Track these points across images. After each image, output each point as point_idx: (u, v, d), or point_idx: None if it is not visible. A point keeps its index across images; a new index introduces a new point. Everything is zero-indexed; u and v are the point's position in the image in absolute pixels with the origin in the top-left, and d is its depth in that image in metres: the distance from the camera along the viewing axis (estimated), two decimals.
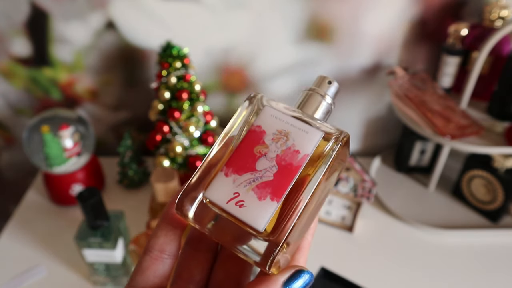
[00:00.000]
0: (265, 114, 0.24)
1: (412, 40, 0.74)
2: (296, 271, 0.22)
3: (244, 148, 0.23)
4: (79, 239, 0.54)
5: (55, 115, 0.69)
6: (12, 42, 0.71)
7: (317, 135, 0.23)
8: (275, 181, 0.22)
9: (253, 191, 0.22)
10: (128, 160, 0.74)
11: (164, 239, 0.24)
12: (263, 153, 0.23)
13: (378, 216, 0.72)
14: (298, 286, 0.22)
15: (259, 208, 0.22)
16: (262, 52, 0.74)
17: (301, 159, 0.22)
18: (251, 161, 0.23)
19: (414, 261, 0.64)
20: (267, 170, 0.22)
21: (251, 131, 0.24)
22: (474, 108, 0.72)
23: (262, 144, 0.23)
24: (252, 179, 0.22)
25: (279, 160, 0.23)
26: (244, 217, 0.22)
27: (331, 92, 0.26)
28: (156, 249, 0.24)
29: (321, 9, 0.69)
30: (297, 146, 0.23)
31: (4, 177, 0.91)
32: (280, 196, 0.22)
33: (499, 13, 0.66)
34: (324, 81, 0.26)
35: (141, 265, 0.24)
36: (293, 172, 0.22)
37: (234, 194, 0.22)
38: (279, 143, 0.23)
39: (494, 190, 0.68)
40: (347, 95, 0.80)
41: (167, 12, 0.69)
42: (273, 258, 0.21)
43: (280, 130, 0.23)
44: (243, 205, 0.22)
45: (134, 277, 0.24)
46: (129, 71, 0.76)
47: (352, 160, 0.66)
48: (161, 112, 0.67)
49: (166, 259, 0.24)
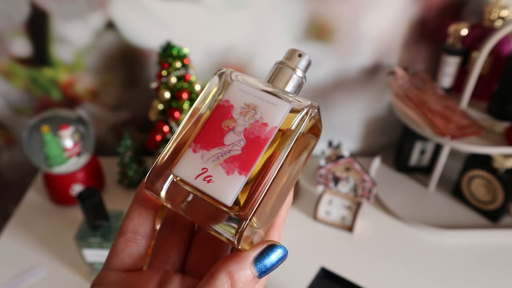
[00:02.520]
0: (233, 89, 0.24)
1: (412, 40, 0.74)
2: (268, 246, 0.22)
3: (212, 123, 0.23)
4: (79, 239, 0.54)
5: (55, 115, 0.69)
6: (12, 42, 0.71)
7: (285, 107, 0.23)
8: (243, 154, 0.22)
9: (221, 166, 0.22)
10: (128, 160, 0.74)
11: (137, 220, 0.24)
12: (231, 127, 0.23)
13: (378, 216, 0.72)
14: (270, 261, 0.22)
15: (227, 183, 0.21)
16: (262, 52, 0.74)
17: (269, 132, 0.22)
18: (219, 136, 0.23)
19: (414, 261, 0.64)
20: (235, 144, 0.22)
21: (219, 106, 0.24)
22: (474, 108, 0.72)
23: (230, 119, 0.23)
24: (220, 154, 0.22)
25: (247, 133, 0.22)
26: (212, 192, 0.21)
27: (302, 65, 0.26)
28: (130, 231, 0.24)
29: (321, 9, 0.69)
30: (265, 119, 0.22)
31: (4, 177, 0.91)
32: (248, 170, 0.21)
33: (499, 13, 0.66)
34: (294, 54, 0.26)
35: (116, 248, 0.24)
36: (261, 145, 0.22)
37: (202, 169, 0.22)
38: (247, 116, 0.23)
39: (494, 190, 0.68)
40: (347, 95, 0.80)
41: (167, 12, 0.69)
42: (240, 232, 0.21)
43: (248, 103, 0.23)
44: (211, 180, 0.22)
45: (109, 260, 0.24)
46: (129, 71, 0.76)
47: (352, 160, 0.66)
48: (161, 112, 0.67)
49: (140, 240, 0.24)
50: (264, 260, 0.21)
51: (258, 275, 0.21)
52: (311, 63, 0.26)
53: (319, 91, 0.79)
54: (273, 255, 0.22)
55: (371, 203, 0.74)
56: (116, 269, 0.24)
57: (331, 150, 0.72)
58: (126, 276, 0.23)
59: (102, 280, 0.23)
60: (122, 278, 0.23)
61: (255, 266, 0.21)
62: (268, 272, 0.22)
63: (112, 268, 0.24)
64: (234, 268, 0.21)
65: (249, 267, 0.21)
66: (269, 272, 0.22)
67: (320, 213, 0.70)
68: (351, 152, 0.87)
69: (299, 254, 0.64)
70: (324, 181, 0.70)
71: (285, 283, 0.59)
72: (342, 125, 0.84)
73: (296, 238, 0.67)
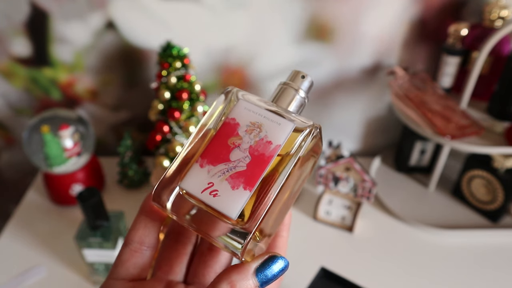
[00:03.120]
0: (239, 107, 0.25)
1: (412, 40, 0.74)
2: (269, 257, 0.23)
3: (218, 140, 0.24)
4: (79, 239, 0.54)
5: (55, 115, 0.69)
6: (12, 42, 0.71)
7: (289, 127, 0.24)
8: (248, 171, 0.23)
9: (227, 180, 0.23)
10: (128, 160, 0.74)
11: (143, 231, 0.25)
12: (237, 144, 0.24)
13: (378, 216, 0.72)
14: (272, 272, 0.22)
15: (232, 197, 0.22)
16: (262, 52, 0.74)
17: (273, 150, 0.23)
18: (225, 152, 0.23)
19: (414, 261, 0.64)
20: (240, 160, 0.23)
21: (226, 123, 0.25)
22: (474, 108, 0.72)
23: (236, 136, 0.24)
24: (226, 169, 0.23)
25: (252, 150, 0.23)
26: (218, 206, 0.22)
27: (304, 86, 0.27)
28: (135, 241, 0.25)
29: (321, 9, 0.69)
30: (269, 137, 0.23)
31: (4, 177, 0.91)
32: (252, 185, 0.22)
33: (499, 13, 0.66)
34: (298, 75, 0.27)
35: (121, 258, 0.25)
36: (265, 162, 0.23)
37: (209, 184, 0.23)
38: (252, 134, 0.24)
39: (494, 190, 0.68)
40: (347, 95, 0.80)
41: (167, 12, 0.69)
42: (244, 245, 0.22)
43: (253, 122, 0.24)
44: (217, 194, 0.22)
45: (114, 269, 0.25)
46: (129, 71, 0.76)
47: (352, 160, 0.66)
48: (161, 112, 0.67)
49: (145, 251, 0.25)
50: (265, 271, 0.22)
51: (260, 285, 0.22)
52: (313, 84, 0.28)
53: (319, 91, 0.79)
54: (274, 266, 0.22)
55: (371, 203, 0.74)
56: (121, 279, 0.24)
57: (331, 150, 0.72)
58: (131, 285, 0.24)
59: None
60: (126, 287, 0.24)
61: (256, 276, 0.22)
62: (270, 283, 0.22)
63: (117, 278, 0.24)
64: (235, 278, 0.21)
65: (251, 277, 0.22)
66: (271, 283, 0.22)
67: (320, 213, 0.70)
68: (351, 152, 0.87)
69: (299, 254, 0.64)
70: (324, 181, 0.70)
71: (285, 283, 0.59)
72: (342, 125, 0.84)
73: (296, 238, 0.67)
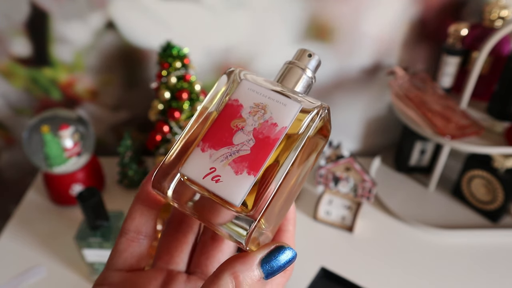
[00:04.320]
0: (243, 88, 0.24)
1: (412, 40, 0.74)
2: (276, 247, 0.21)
3: (221, 123, 0.23)
4: (79, 239, 0.54)
5: (55, 115, 0.69)
6: (12, 42, 0.71)
7: (295, 108, 0.22)
8: (252, 154, 0.21)
9: (230, 165, 0.21)
10: (128, 160, 0.74)
11: (140, 220, 0.24)
12: (240, 127, 0.22)
13: (378, 216, 0.72)
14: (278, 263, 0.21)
15: (236, 183, 0.21)
16: (262, 52, 0.74)
17: (279, 132, 0.22)
18: (228, 135, 0.22)
19: (414, 261, 0.64)
20: (244, 144, 0.22)
21: (228, 105, 0.23)
22: (474, 108, 0.72)
23: (239, 118, 0.23)
24: (229, 153, 0.22)
25: (256, 133, 0.22)
26: (221, 192, 0.21)
27: (311, 65, 0.25)
28: (132, 231, 0.24)
29: (321, 9, 0.69)
30: (274, 119, 0.22)
31: (4, 177, 0.91)
32: (257, 170, 0.21)
33: (499, 13, 0.66)
34: (304, 54, 0.26)
35: (118, 248, 0.24)
36: (271, 145, 0.21)
37: (211, 169, 0.22)
38: (256, 116, 0.22)
39: (494, 190, 0.68)
40: (347, 95, 0.80)
41: (167, 12, 0.69)
42: (249, 234, 0.20)
43: (257, 103, 0.23)
44: (219, 180, 0.21)
45: (111, 260, 0.24)
46: (129, 71, 0.76)
47: (352, 160, 0.66)
48: (161, 112, 0.67)
49: (142, 240, 0.24)
50: (271, 262, 0.21)
51: (265, 277, 0.21)
52: (321, 63, 0.26)
53: (319, 91, 0.79)
54: (281, 257, 0.21)
55: (371, 203, 0.74)
56: (118, 269, 0.24)
57: (331, 150, 0.72)
58: (128, 276, 0.23)
59: (105, 280, 0.23)
60: (124, 278, 0.23)
61: (261, 267, 0.20)
62: (275, 274, 0.21)
63: (114, 268, 0.24)
64: (239, 268, 0.20)
65: (255, 268, 0.20)
66: (276, 274, 0.21)
67: (320, 213, 0.70)
68: (351, 152, 0.87)
69: (299, 254, 0.64)
70: (324, 181, 0.70)
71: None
72: (342, 125, 0.84)
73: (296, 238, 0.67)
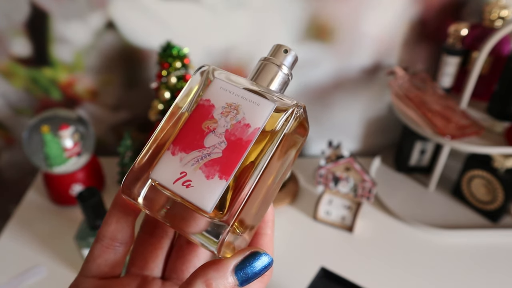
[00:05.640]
0: (215, 87, 0.22)
1: (412, 40, 0.74)
2: (250, 253, 0.20)
3: (192, 124, 0.22)
4: (79, 239, 0.54)
5: (55, 115, 0.69)
6: (12, 42, 0.71)
7: (269, 107, 0.21)
8: (224, 158, 0.20)
9: (201, 169, 0.21)
10: (128, 160, 0.74)
11: (116, 226, 0.23)
12: (212, 129, 0.21)
13: (378, 216, 0.72)
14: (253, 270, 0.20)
15: (207, 188, 0.20)
16: (262, 52, 0.74)
17: (252, 133, 0.21)
18: (199, 138, 0.21)
19: (414, 261, 0.64)
20: (215, 146, 0.21)
21: (200, 105, 0.22)
22: (474, 108, 0.72)
23: (211, 119, 0.22)
24: (200, 156, 0.21)
25: (229, 135, 0.21)
26: (192, 197, 0.20)
27: (287, 61, 0.24)
28: (107, 237, 0.23)
29: (321, 9, 0.69)
30: (247, 119, 0.21)
31: (4, 177, 0.91)
32: (229, 174, 0.20)
33: (499, 13, 0.66)
34: (280, 49, 0.24)
35: (92, 253, 0.23)
36: (243, 148, 0.21)
37: (181, 173, 0.21)
38: (229, 117, 0.21)
39: (494, 190, 0.68)
40: (347, 95, 0.80)
41: (167, 12, 0.69)
42: (221, 240, 0.19)
43: (229, 103, 0.22)
44: (190, 185, 0.20)
45: (85, 265, 0.23)
46: (129, 71, 0.76)
47: (352, 160, 0.66)
48: (161, 112, 0.67)
49: (118, 247, 0.23)
50: (246, 269, 0.20)
51: (239, 284, 0.20)
52: (298, 59, 0.25)
53: (319, 91, 0.79)
54: (256, 263, 0.20)
55: (371, 203, 0.74)
56: (92, 276, 0.23)
57: (331, 150, 0.72)
58: (101, 283, 0.23)
59: (77, 286, 0.23)
60: (97, 285, 0.23)
61: (235, 274, 0.20)
62: (251, 281, 0.20)
63: (87, 275, 0.23)
64: (212, 276, 0.19)
65: (229, 275, 0.19)
66: (252, 281, 0.20)
67: (320, 213, 0.70)
68: (351, 152, 0.87)
69: (299, 254, 0.64)
70: (324, 181, 0.70)
71: (285, 283, 0.59)
72: (342, 125, 0.84)
73: (296, 238, 0.67)
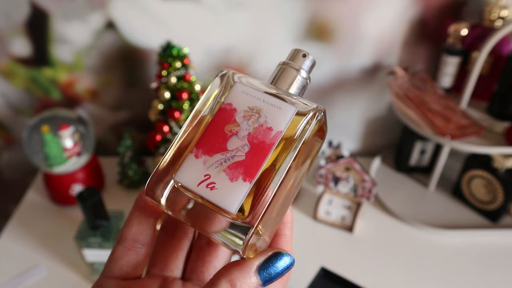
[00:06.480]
0: (236, 91, 0.23)
1: (412, 40, 0.74)
2: (273, 253, 0.21)
3: (214, 128, 0.22)
4: (79, 239, 0.54)
5: (55, 115, 0.69)
6: (12, 42, 0.71)
7: (291, 111, 0.22)
8: (247, 160, 0.21)
9: (225, 172, 0.21)
10: (128, 160, 0.74)
11: (137, 228, 0.23)
12: (234, 132, 0.22)
13: (378, 216, 0.72)
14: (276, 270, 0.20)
15: (231, 190, 0.21)
16: (262, 52, 0.74)
17: (274, 137, 0.21)
18: (222, 141, 0.22)
19: (414, 261, 0.64)
20: (238, 149, 0.21)
21: (222, 109, 0.23)
22: (474, 108, 0.72)
23: (233, 123, 0.22)
24: (223, 159, 0.21)
25: (251, 138, 0.21)
26: (216, 200, 0.21)
27: (306, 65, 0.25)
28: (129, 239, 0.23)
29: (321, 9, 0.69)
30: (269, 123, 0.22)
31: (4, 177, 0.91)
32: (252, 176, 0.21)
33: (499, 13, 0.66)
34: (298, 54, 0.25)
35: (114, 255, 0.23)
36: (266, 151, 0.21)
37: (205, 176, 0.21)
38: (251, 120, 0.22)
39: (494, 190, 0.68)
40: (347, 95, 0.80)
41: (167, 12, 0.69)
42: (246, 241, 0.20)
43: (251, 107, 0.22)
44: (214, 187, 0.21)
45: (107, 267, 0.23)
46: (129, 71, 0.76)
47: (352, 160, 0.66)
48: (161, 112, 0.67)
49: (139, 249, 0.23)
50: (269, 269, 0.20)
51: (262, 284, 0.20)
52: (316, 63, 0.26)
53: (319, 91, 0.79)
54: (279, 263, 0.21)
55: (371, 203, 0.74)
56: (114, 277, 0.23)
57: (331, 150, 0.72)
58: (124, 284, 0.23)
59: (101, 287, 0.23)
60: (120, 286, 0.23)
61: (258, 274, 0.20)
62: (273, 281, 0.21)
63: (110, 276, 0.23)
64: (236, 276, 0.20)
65: (253, 275, 0.20)
66: (274, 281, 0.21)
67: (320, 213, 0.70)
68: (351, 152, 0.87)
69: (299, 254, 0.64)
70: (324, 181, 0.70)
71: None
72: (342, 125, 0.84)
73: (296, 238, 0.67)
